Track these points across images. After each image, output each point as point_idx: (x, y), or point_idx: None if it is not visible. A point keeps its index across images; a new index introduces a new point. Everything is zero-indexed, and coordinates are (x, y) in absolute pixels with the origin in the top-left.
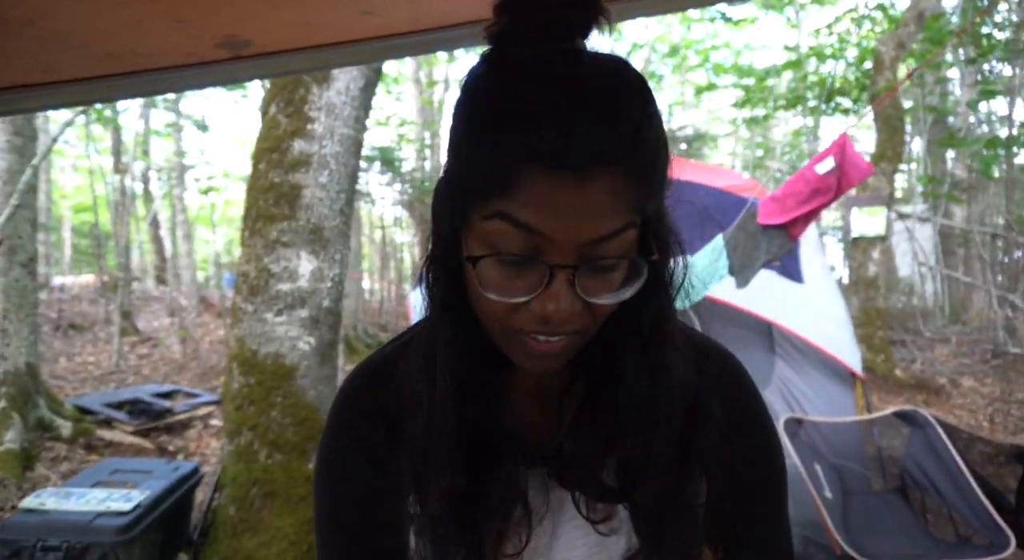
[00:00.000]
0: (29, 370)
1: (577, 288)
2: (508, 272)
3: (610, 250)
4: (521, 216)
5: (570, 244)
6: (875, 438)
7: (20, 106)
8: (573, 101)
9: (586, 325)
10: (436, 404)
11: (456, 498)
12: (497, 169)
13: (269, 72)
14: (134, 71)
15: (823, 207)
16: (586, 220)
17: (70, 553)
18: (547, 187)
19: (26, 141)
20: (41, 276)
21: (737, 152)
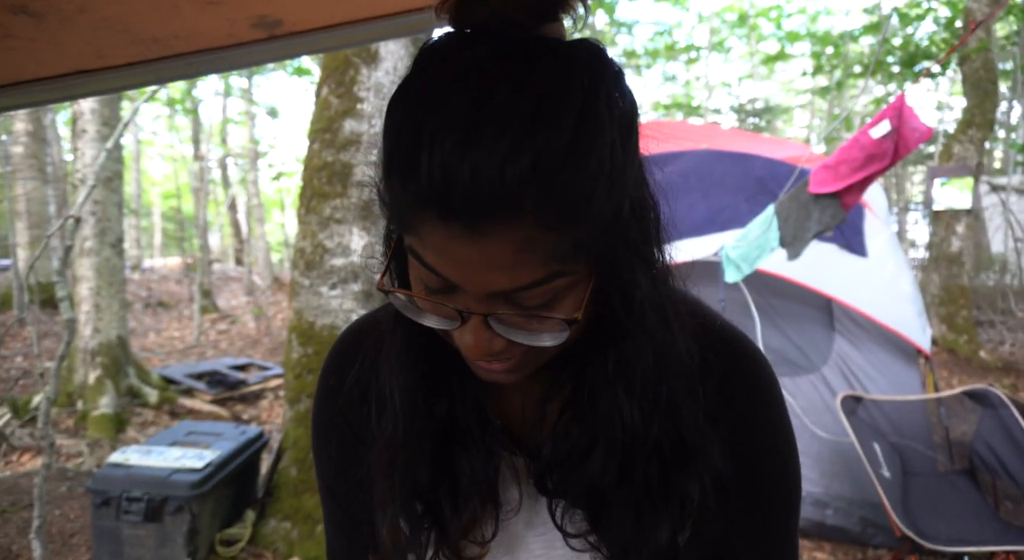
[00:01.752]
0: (120, 342)
1: (495, 328)
2: (429, 303)
3: (532, 298)
4: (427, 258)
5: (480, 294)
6: (942, 418)
7: (79, 91)
8: (468, 132)
9: (529, 350)
10: (395, 406)
11: (421, 487)
12: (397, 207)
13: (302, 51)
14: (179, 54)
15: (879, 174)
16: (491, 273)
17: (151, 505)
18: (441, 236)
19: (112, 131)
20: (133, 259)
21: (813, 125)
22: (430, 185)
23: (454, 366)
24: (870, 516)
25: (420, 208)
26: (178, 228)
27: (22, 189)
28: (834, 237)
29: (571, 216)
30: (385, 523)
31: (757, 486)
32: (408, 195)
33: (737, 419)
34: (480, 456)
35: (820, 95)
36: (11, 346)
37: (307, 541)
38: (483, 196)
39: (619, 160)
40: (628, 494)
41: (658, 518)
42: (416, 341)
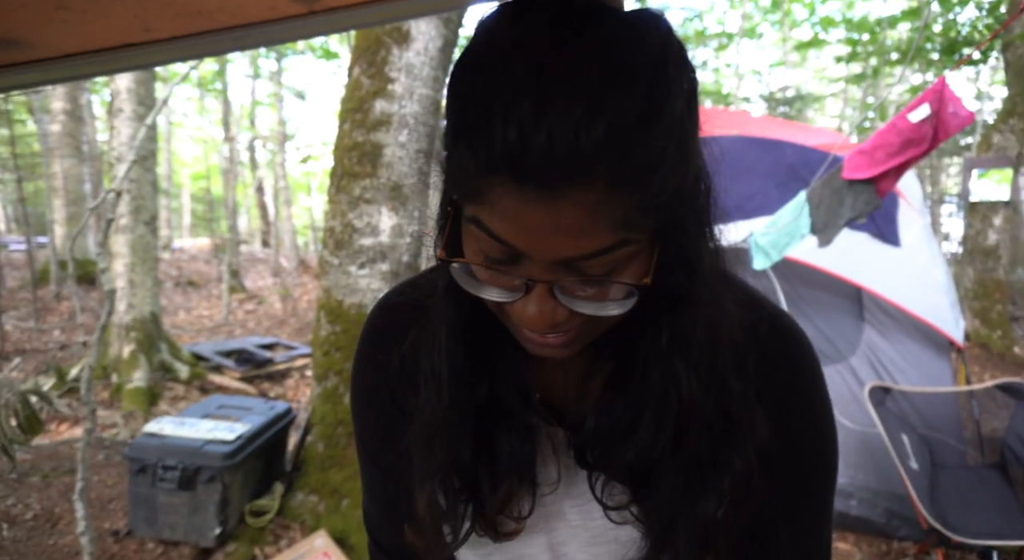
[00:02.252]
0: (153, 318)
1: (560, 297)
2: (490, 273)
3: (597, 267)
4: (493, 227)
5: (547, 261)
6: (974, 411)
7: (127, 64)
8: (543, 95)
9: (586, 322)
10: (441, 383)
11: (461, 464)
12: (466, 173)
13: (341, 26)
14: (222, 28)
15: (916, 160)
16: (562, 238)
17: (185, 473)
18: (514, 200)
19: (148, 110)
20: (164, 238)
21: (846, 115)
22: (505, 149)
23: (498, 343)
24: (895, 508)
25: (492, 173)
26: (207, 209)
27: (59, 167)
28: (867, 225)
29: (642, 180)
30: (422, 497)
31: (798, 462)
32: (480, 161)
33: (781, 394)
34: (519, 434)
35: (855, 82)
36: (49, 320)
37: (333, 515)
38: (558, 159)
39: (688, 126)
40: (677, 466)
41: (705, 490)
42: (464, 317)
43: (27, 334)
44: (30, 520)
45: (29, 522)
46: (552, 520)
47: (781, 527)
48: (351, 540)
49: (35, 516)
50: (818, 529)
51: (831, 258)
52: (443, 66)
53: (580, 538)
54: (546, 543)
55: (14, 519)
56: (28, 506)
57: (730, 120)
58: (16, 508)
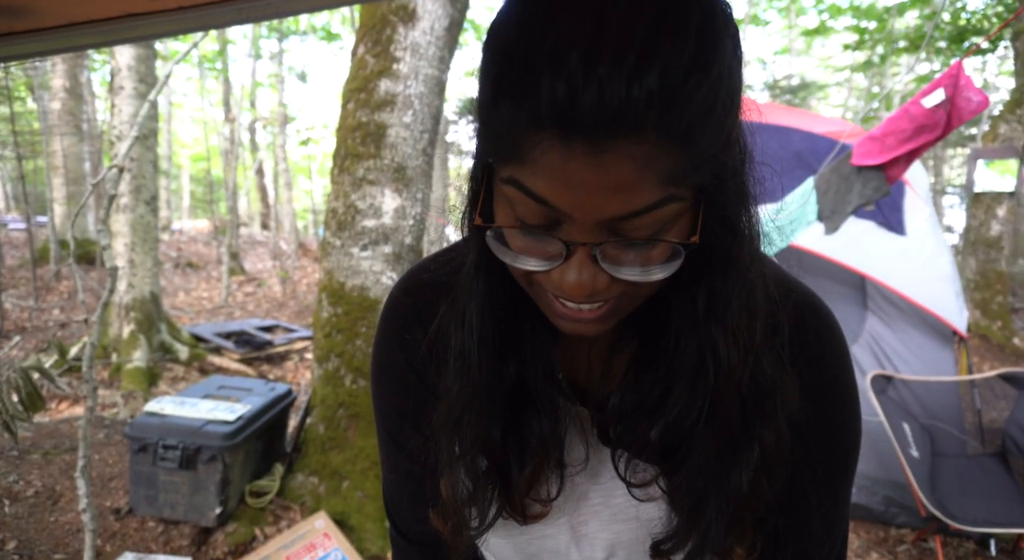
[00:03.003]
0: (153, 298)
1: (602, 263)
2: (528, 240)
3: (641, 227)
4: (535, 187)
5: (590, 221)
6: (975, 400)
7: (132, 35)
8: (592, 47)
9: (622, 295)
10: (471, 362)
11: (490, 445)
12: (507, 132)
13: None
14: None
15: (928, 146)
16: (608, 195)
17: (186, 453)
18: (559, 156)
19: (149, 88)
20: (163, 220)
21: (849, 104)
22: (552, 104)
23: (526, 322)
24: (894, 495)
25: (537, 129)
26: (207, 191)
27: (59, 145)
28: (872, 214)
29: (692, 132)
30: (449, 479)
31: (826, 439)
32: (523, 117)
33: (811, 371)
34: (549, 415)
35: (862, 70)
36: (48, 299)
37: (333, 497)
38: (610, 112)
39: (737, 75)
40: (709, 437)
41: (738, 462)
42: (495, 293)
43: (27, 313)
44: (31, 497)
45: (31, 499)
46: (573, 500)
47: (807, 501)
48: (351, 521)
49: (36, 493)
50: (841, 505)
51: (836, 246)
52: (449, 46)
53: (601, 516)
54: (567, 523)
55: (16, 495)
56: (29, 483)
57: None
58: (17, 485)
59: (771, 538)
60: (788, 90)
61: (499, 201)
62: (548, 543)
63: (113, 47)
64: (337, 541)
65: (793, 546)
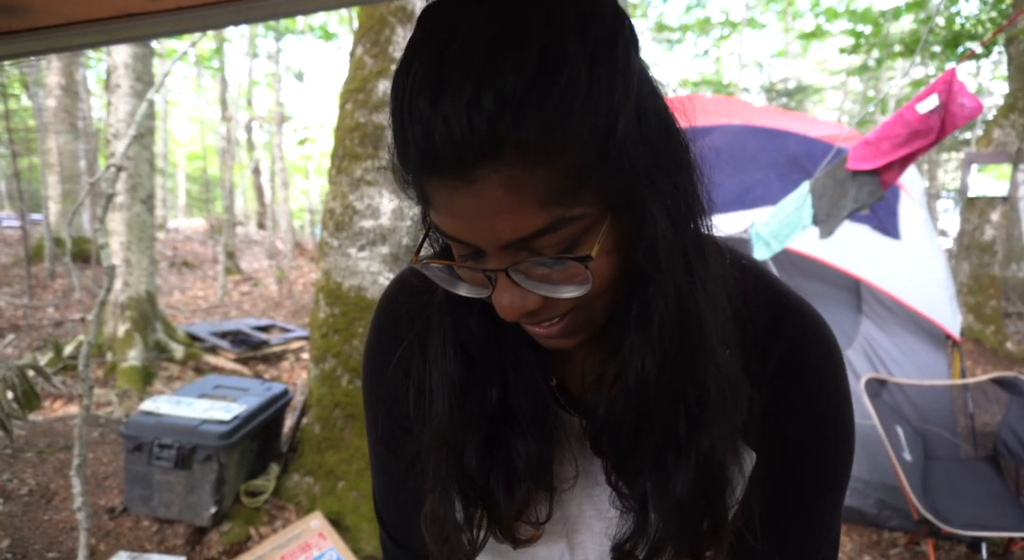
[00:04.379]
0: (148, 297)
1: (524, 284)
2: (464, 272)
3: (548, 246)
4: (442, 226)
5: (495, 247)
6: (968, 404)
7: (130, 34)
8: (435, 88)
9: (575, 309)
10: (444, 395)
11: (468, 475)
12: (410, 182)
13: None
14: (228, 0)
15: (922, 151)
16: (495, 220)
17: (181, 452)
18: (445, 194)
19: (145, 87)
20: (159, 218)
21: (844, 108)
22: (419, 149)
23: (509, 348)
24: (887, 498)
25: (421, 174)
26: (203, 190)
27: (54, 143)
28: (867, 218)
29: (550, 145)
30: (432, 503)
31: (813, 443)
32: (410, 167)
33: (793, 374)
34: (535, 437)
35: (857, 73)
36: (42, 297)
37: (328, 497)
38: (461, 144)
39: (599, 78)
40: (647, 443)
41: (676, 468)
42: (463, 326)
43: (21, 311)
44: (25, 495)
45: (24, 497)
46: (569, 517)
47: (796, 508)
48: (346, 521)
49: (30, 491)
50: (829, 512)
51: (831, 249)
52: None
53: (594, 529)
54: (562, 532)
55: (9, 494)
56: (23, 481)
57: (732, 109)
58: (11, 483)
59: (761, 544)
60: (784, 93)
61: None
62: (540, 554)
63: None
64: (332, 541)
65: (782, 554)
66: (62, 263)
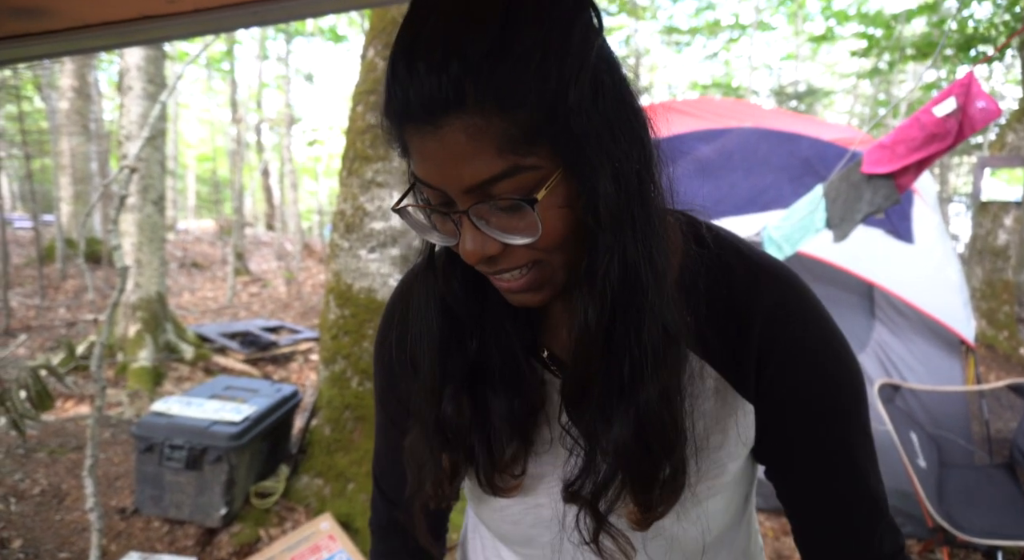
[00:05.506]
0: (159, 298)
1: (485, 230)
2: (437, 220)
3: (504, 193)
4: (418, 173)
5: (458, 191)
6: (983, 410)
7: (146, 37)
8: (411, 53)
9: (531, 255)
10: (426, 346)
11: (452, 426)
12: (393, 136)
13: (365, 3)
14: (246, 2)
15: (939, 155)
16: (458, 166)
17: (192, 453)
18: (419, 142)
19: (158, 89)
20: (169, 219)
21: (855, 111)
22: (398, 103)
23: (492, 313)
24: (900, 505)
25: (402, 126)
26: (212, 191)
27: (67, 145)
28: (881, 222)
29: (505, 103)
30: (416, 446)
31: (815, 392)
32: (393, 121)
33: (793, 342)
34: (511, 397)
35: (868, 77)
36: (54, 297)
37: (338, 499)
38: (430, 98)
39: (551, 55)
40: (593, 390)
41: (619, 414)
42: (446, 288)
43: (33, 311)
44: (37, 495)
45: (36, 497)
46: (544, 475)
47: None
48: (356, 524)
49: (42, 491)
50: (859, 463)
51: (843, 253)
52: None
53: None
54: (534, 497)
55: (22, 494)
56: (35, 481)
57: (743, 112)
58: (23, 483)
59: (802, 508)
60: (794, 96)
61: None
62: (543, 512)
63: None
64: (342, 543)
65: (824, 510)
66: (74, 264)
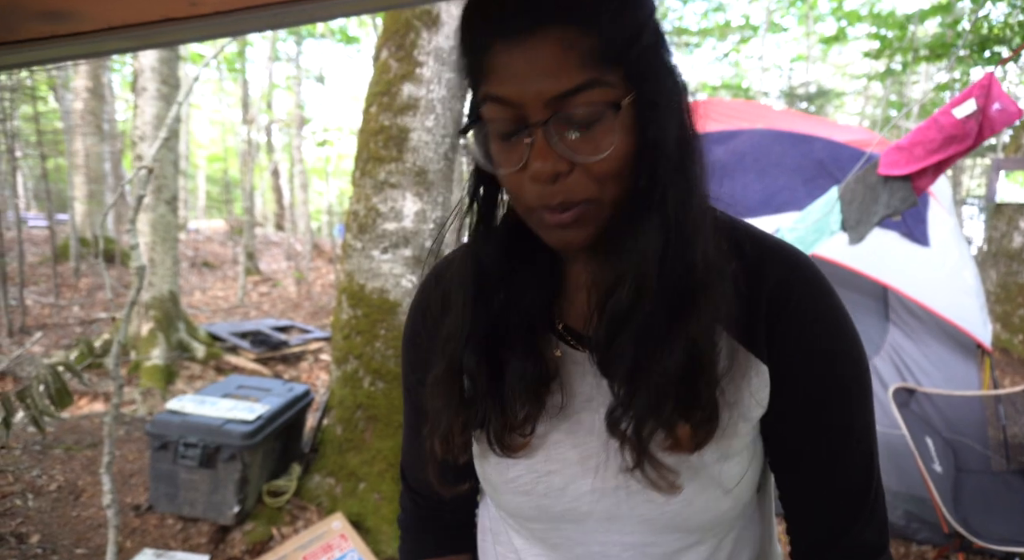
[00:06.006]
0: (171, 297)
1: (557, 147)
2: (506, 146)
3: (579, 107)
4: (496, 91)
5: (537, 104)
6: (1000, 416)
7: (169, 38)
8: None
9: (587, 190)
10: (464, 299)
11: (472, 373)
12: (473, 56)
13: (383, 5)
14: (266, 4)
15: (958, 157)
16: (543, 78)
17: (206, 451)
18: (505, 57)
19: (171, 89)
20: (180, 218)
21: (866, 112)
22: (489, 19)
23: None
24: (915, 510)
25: (488, 40)
26: (223, 191)
27: (81, 145)
28: (896, 224)
29: (594, 19)
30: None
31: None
32: (478, 36)
33: (802, 316)
34: (527, 361)
35: (880, 79)
36: (68, 296)
37: (350, 498)
38: (526, 10)
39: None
40: (640, 321)
41: (667, 345)
42: (482, 251)
43: (47, 309)
44: (54, 491)
45: (53, 493)
46: (580, 434)
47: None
48: (367, 523)
49: (59, 487)
50: (861, 429)
51: (858, 256)
52: None
53: (609, 447)
54: (575, 456)
55: (39, 490)
56: (52, 478)
57: (754, 113)
58: (40, 479)
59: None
60: (805, 97)
61: (487, 122)
62: (555, 479)
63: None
64: (353, 543)
65: (818, 476)
66: (87, 262)
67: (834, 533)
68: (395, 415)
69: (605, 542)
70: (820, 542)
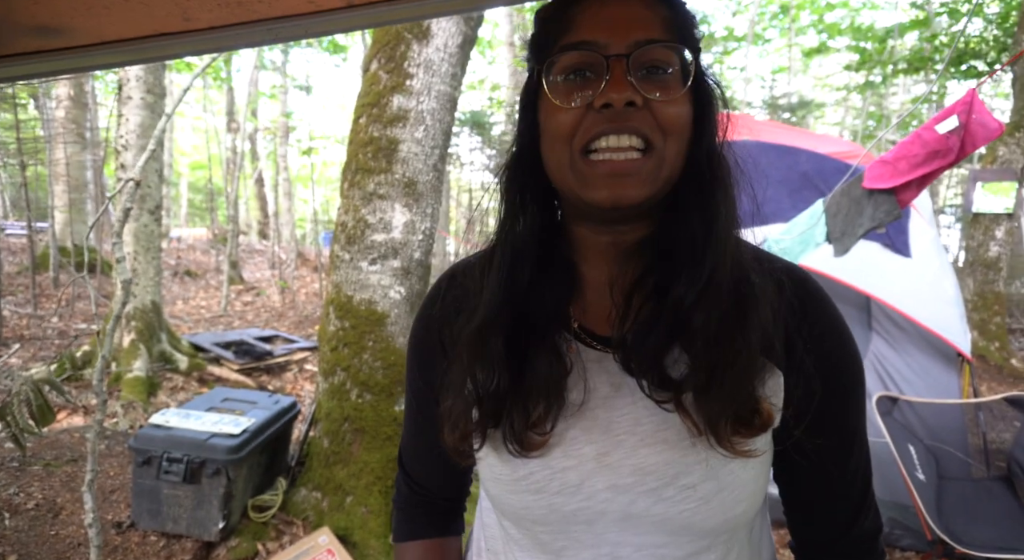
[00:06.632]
0: (154, 307)
1: (632, 80)
2: (574, 84)
3: (657, 54)
4: (579, 36)
5: (621, 42)
6: (980, 423)
7: (163, 53)
8: None
9: (652, 129)
10: (493, 290)
11: (495, 362)
12: (562, 16)
13: (379, 21)
14: (261, 19)
15: (941, 171)
16: (632, 24)
17: (190, 466)
18: (598, 6)
19: (156, 98)
20: (163, 227)
21: (846, 123)
22: None
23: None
24: (899, 517)
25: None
26: (207, 199)
27: (62, 153)
28: (879, 236)
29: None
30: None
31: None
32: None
33: (817, 329)
34: (551, 357)
35: (859, 91)
36: (46, 306)
37: (336, 512)
38: None
39: (693, 20)
40: (707, 321)
41: (742, 330)
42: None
43: (25, 320)
44: (32, 509)
45: (31, 512)
46: (597, 431)
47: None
48: (354, 538)
49: (37, 505)
50: (858, 439)
51: (841, 267)
52: (461, 63)
53: (627, 444)
54: (592, 453)
55: (16, 508)
56: (30, 495)
57: (740, 125)
58: (18, 497)
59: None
60: (787, 108)
61: (554, 81)
62: (569, 476)
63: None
64: (340, 557)
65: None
66: (67, 272)
67: (844, 528)
68: (383, 427)
69: (617, 543)
70: (831, 538)
